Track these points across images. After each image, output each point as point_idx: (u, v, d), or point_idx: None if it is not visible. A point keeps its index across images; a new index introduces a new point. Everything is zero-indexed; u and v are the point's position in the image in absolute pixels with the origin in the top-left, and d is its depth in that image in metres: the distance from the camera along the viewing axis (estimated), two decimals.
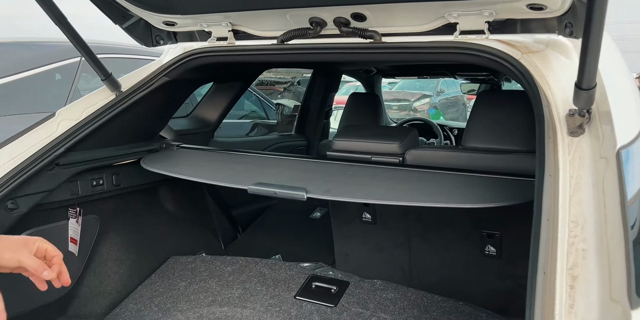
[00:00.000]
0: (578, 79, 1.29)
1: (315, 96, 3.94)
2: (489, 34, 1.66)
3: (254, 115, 5.02)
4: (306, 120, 3.98)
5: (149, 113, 2.22)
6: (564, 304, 0.96)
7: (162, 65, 2.12)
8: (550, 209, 1.12)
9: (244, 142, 3.46)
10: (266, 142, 3.60)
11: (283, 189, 1.67)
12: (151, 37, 2.19)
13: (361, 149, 2.25)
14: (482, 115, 2.10)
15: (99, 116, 1.98)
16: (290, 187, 1.67)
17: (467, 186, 1.64)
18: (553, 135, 1.33)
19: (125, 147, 2.21)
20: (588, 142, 1.33)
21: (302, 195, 1.63)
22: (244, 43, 2.08)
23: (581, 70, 1.26)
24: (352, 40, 1.87)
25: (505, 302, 2.23)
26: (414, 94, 12.99)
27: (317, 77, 3.90)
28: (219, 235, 2.92)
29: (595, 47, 1.19)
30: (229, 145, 3.19)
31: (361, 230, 2.46)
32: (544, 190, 1.15)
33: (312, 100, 3.95)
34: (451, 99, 13.51)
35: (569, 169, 1.25)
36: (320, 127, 4.02)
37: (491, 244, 2.18)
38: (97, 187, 2.19)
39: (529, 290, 0.99)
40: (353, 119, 3.47)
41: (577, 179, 1.23)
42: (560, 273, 1.02)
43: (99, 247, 2.28)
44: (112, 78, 2.05)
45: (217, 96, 2.93)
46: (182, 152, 2.30)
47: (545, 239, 1.07)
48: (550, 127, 1.35)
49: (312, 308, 1.99)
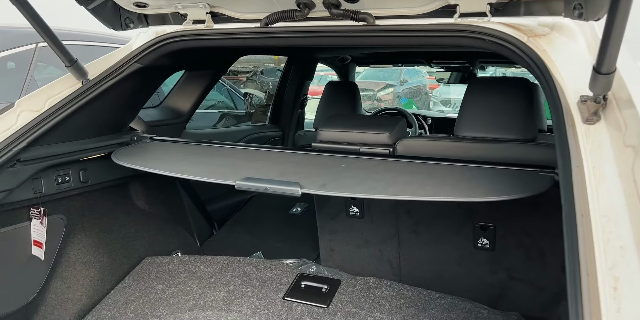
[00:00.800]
0: (597, 62, 1.20)
1: (290, 85, 3.79)
2: (490, 16, 1.57)
3: (221, 105, 4.82)
4: (281, 110, 3.83)
5: (119, 103, 2.04)
6: (610, 308, 0.87)
7: (133, 51, 1.94)
8: (582, 203, 1.03)
9: (218, 134, 3.29)
10: (240, 133, 3.44)
11: (275, 184, 1.54)
12: (120, 20, 2.01)
13: (349, 139, 2.14)
14: (474, 103, 2.01)
15: (64, 107, 1.79)
16: (283, 182, 1.54)
17: (470, 178, 1.55)
18: (572, 124, 1.24)
19: (93, 140, 2.02)
20: (605, 130, 1.25)
21: (297, 191, 1.50)
22: (223, 26, 1.92)
23: (602, 54, 1.17)
24: (342, 24, 1.74)
25: (498, 295, 2.18)
26: (378, 83, 13.00)
27: (292, 65, 3.75)
28: (194, 232, 2.77)
29: (620, 29, 1.10)
30: (202, 137, 3.02)
31: (348, 224, 2.36)
32: (573, 183, 1.06)
33: (287, 89, 3.80)
34: (414, 88, 13.62)
35: (591, 159, 1.17)
36: (296, 117, 3.88)
37: (484, 237, 2.11)
38: (62, 185, 2.00)
39: (571, 295, 0.90)
40: (330, 108, 3.35)
41: (600, 170, 1.15)
42: (601, 274, 0.93)
43: (66, 250, 2.09)
44: (77, 64, 1.87)
45: (190, 85, 2.75)
46: (155, 145, 2.12)
47: (582, 237, 0.98)
48: (568, 115, 1.27)
49: (303, 309, 1.87)
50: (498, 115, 1.96)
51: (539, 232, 2.02)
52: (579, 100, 1.34)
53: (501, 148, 1.94)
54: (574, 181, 1.07)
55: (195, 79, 2.75)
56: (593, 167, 1.16)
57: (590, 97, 1.31)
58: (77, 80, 1.92)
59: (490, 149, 1.95)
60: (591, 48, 1.51)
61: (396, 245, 2.29)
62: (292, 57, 3.72)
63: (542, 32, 1.52)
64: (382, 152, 2.07)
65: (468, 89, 2.08)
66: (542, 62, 1.39)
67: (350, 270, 2.42)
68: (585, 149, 1.20)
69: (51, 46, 1.78)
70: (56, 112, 1.79)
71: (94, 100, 1.87)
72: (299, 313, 1.86)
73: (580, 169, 1.12)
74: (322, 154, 1.89)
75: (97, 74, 1.94)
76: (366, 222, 2.31)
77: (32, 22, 1.69)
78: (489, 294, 2.19)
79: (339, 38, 1.74)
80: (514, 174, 1.60)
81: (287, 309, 1.87)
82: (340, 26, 1.73)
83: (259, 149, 2.05)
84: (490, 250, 2.12)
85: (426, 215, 2.17)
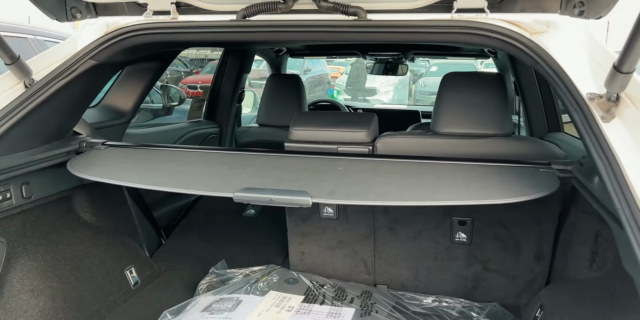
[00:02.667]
0: (619, 61, 1.21)
1: (228, 78, 3.57)
2: (489, 12, 1.54)
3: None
4: (217, 105, 3.60)
5: (68, 105, 1.77)
6: None
7: (86, 46, 1.68)
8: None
9: (157, 133, 3.01)
10: (179, 131, 3.18)
11: (280, 195, 1.40)
12: (65, 9, 1.74)
13: (325, 138, 2.03)
14: (451, 99, 2.00)
15: (9, 114, 1.51)
16: (290, 192, 1.41)
17: (479, 178, 1.52)
18: (596, 122, 1.25)
19: (39, 149, 1.74)
20: (622, 128, 1.27)
21: (307, 201, 1.37)
22: (192, 18, 1.73)
23: (626, 53, 1.18)
24: (331, 17, 1.63)
25: (472, 287, 2.21)
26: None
27: (230, 57, 3.53)
28: (143, 243, 2.52)
29: None
30: (143, 138, 2.75)
31: (320, 226, 2.27)
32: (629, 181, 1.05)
33: (224, 83, 3.58)
34: (317, 77, 13.70)
35: (620, 154, 1.17)
36: (234, 112, 3.67)
37: (462, 231, 2.12)
38: (3, 203, 1.70)
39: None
40: (274, 102, 3.22)
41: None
42: None
43: (7, 277, 1.79)
44: (20, 62, 1.58)
45: (130, 81, 2.47)
46: (114, 152, 1.87)
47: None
48: (590, 112, 1.27)
49: None
50: (477, 110, 1.96)
51: (515, 224, 2.07)
52: (588, 98, 1.35)
53: (483, 143, 1.94)
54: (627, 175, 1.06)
55: (136, 74, 2.47)
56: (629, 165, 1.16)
57: (603, 94, 1.33)
58: (18, 80, 1.63)
59: (472, 144, 1.95)
60: (585, 45, 1.54)
61: (372, 244, 2.24)
62: (229, 49, 3.51)
63: (541, 29, 1.52)
64: (361, 151, 2.00)
65: (442, 85, 2.06)
66: (552, 60, 1.39)
67: (322, 272, 2.34)
68: (612, 145, 1.20)
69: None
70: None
71: (42, 104, 1.60)
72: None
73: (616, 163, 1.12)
74: (312, 157, 1.77)
75: (41, 72, 1.66)
76: (341, 222, 2.23)
77: None
78: (463, 286, 2.22)
79: (328, 33, 1.63)
80: (518, 171, 1.59)
81: None
82: (330, 20, 1.62)
83: (233, 153, 1.88)
84: (467, 244, 2.15)
85: (405, 213, 2.14)
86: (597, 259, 1.76)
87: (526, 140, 2.03)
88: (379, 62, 4.70)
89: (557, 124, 3.21)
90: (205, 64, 11.36)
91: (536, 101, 3.21)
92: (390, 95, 12.69)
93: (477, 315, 2.02)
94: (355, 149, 2.00)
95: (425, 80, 11.99)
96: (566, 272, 1.94)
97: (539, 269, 2.10)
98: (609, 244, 1.70)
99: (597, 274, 1.76)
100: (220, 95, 3.59)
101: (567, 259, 1.93)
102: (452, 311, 2.07)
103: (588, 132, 1.22)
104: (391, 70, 5.23)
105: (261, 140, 3.24)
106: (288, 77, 3.26)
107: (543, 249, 2.07)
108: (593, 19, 1.46)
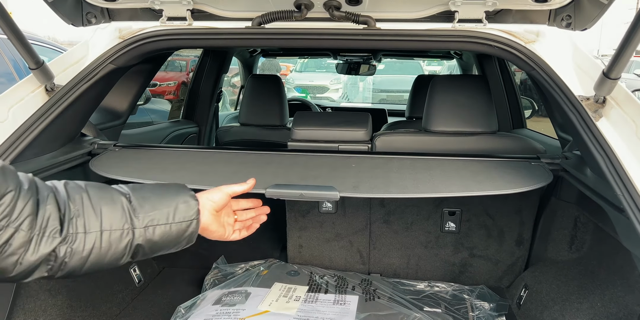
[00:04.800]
0: (608, 68, 1.41)
1: (207, 78, 3.61)
2: (486, 23, 1.71)
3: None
4: (196, 105, 3.64)
5: (86, 108, 1.82)
6: None
7: (108, 50, 1.73)
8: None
9: (145, 133, 3.03)
10: (162, 131, 3.21)
11: (309, 190, 1.52)
12: (81, 15, 1.78)
13: (326, 137, 2.16)
14: (443, 99, 2.17)
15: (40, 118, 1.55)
16: (318, 187, 1.53)
17: (482, 171, 1.68)
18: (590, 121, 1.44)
19: (59, 152, 1.77)
20: (609, 126, 1.47)
21: (335, 195, 1.50)
22: (207, 24, 1.81)
23: (615, 61, 1.38)
24: (342, 26, 1.75)
25: (459, 272, 2.41)
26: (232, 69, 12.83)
27: (209, 57, 3.58)
28: None
29: (636, 42, 1.31)
30: (134, 139, 2.78)
31: (319, 220, 2.39)
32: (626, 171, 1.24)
33: (203, 83, 3.62)
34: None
35: (616, 149, 1.36)
36: (213, 111, 3.72)
37: (451, 221, 2.31)
38: None
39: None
40: (256, 102, 3.30)
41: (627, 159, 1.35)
42: None
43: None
44: (44, 67, 1.62)
45: (126, 82, 2.49)
46: (130, 153, 1.92)
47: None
48: (585, 113, 1.46)
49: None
50: (465, 110, 2.15)
51: (499, 213, 2.28)
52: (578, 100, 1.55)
53: (472, 140, 2.13)
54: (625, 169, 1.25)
55: (130, 76, 2.48)
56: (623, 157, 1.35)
57: (590, 97, 1.53)
58: (39, 84, 1.66)
59: (463, 141, 2.13)
60: (569, 53, 1.74)
61: (367, 236, 2.39)
62: (208, 50, 3.56)
63: (532, 39, 1.71)
64: (361, 148, 2.14)
65: (432, 87, 2.23)
66: (547, 66, 1.57)
67: (319, 264, 2.47)
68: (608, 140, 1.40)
69: (16, 46, 1.52)
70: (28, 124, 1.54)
71: (67, 108, 1.64)
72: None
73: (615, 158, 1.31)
74: (326, 155, 1.89)
75: (58, 76, 1.70)
76: (338, 216, 2.37)
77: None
78: (451, 272, 2.42)
79: (340, 41, 1.75)
80: (513, 166, 1.77)
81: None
82: (341, 29, 1.74)
83: (248, 153, 1.96)
84: (456, 233, 2.34)
85: (399, 205, 2.30)
86: (575, 241, 1.98)
87: (510, 137, 2.24)
88: (347, 62, 4.84)
89: (521, 121, 3.48)
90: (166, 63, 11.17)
91: (502, 99, 3.46)
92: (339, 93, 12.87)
93: (468, 297, 2.21)
94: (355, 147, 2.14)
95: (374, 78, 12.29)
96: (546, 255, 2.16)
97: (520, 253, 2.32)
98: (586, 228, 1.93)
99: (576, 255, 1.99)
100: (200, 95, 3.64)
101: (547, 243, 2.15)
102: (445, 295, 2.26)
103: (585, 129, 1.41)
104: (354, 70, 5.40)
105: (244, 140, 3.31)
106: (268, 77, 3.34)
107: (523, 235, 2.29)
108: (579, 31, 1.66)
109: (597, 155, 1.34)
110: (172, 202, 1.11)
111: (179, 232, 1.11)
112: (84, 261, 1.00)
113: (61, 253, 0.97)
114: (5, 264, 0.92)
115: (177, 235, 1.11)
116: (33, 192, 0.95)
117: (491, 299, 2.19)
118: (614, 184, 1.25)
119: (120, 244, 1.03)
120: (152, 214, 1.08)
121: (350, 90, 12.96)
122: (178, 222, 1.11)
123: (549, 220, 2.15)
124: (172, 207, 1.11)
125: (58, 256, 0.97)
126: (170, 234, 1.10)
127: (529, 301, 2.05)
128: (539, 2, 1.62)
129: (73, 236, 0.98)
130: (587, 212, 1.86)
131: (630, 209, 1.18)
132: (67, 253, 0.97)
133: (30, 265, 0.94)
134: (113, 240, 1.02)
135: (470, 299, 2.20)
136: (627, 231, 1.24)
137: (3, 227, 0.89)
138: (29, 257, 0.93)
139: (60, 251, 0.96)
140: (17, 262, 0.92)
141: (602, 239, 1.80)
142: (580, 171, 1.60)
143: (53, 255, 0.96)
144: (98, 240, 1.01)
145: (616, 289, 1.67)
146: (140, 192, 1.10)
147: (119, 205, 1.05)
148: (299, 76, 13.15)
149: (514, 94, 3.46)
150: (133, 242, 1.05)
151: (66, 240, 0.97)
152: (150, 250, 1.10)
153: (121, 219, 1.04)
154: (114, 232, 1.03)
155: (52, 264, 0.96)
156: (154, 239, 1.08)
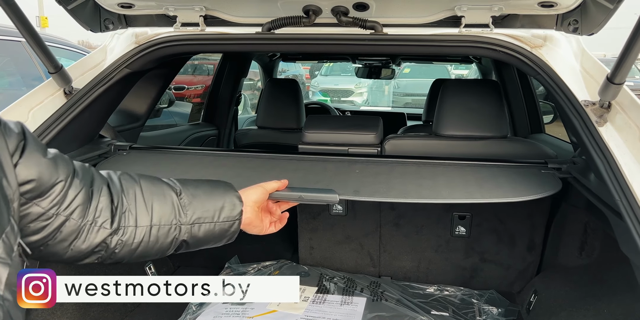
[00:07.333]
0: (612, 73, 1.40)
1: (226, 82, 3.69)
2: (493, 28, 1.72)
3: None
4: (215, 108, 3.72)
5: (103, 111, 1.89)
6: None
7: (123, 55, 1.80)
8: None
9: (165, 135, 3.11)
10: (183, 133, 3.30)
11: (309, 192, 1.54)
12: (99, 21, 1.85)
13: (336, 140, 2.19)
14: (453, 103, 2.18)
15: (57, 120, 1.62)
16: (317, 190, 1.56)
17: (489, 178, 1.68)
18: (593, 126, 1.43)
19: (75, 153, 1.84)
20: (614, 131, 1.46)
21: (335, 198, 1.52)
22: (219, 30, 1.87)
23: (618, 67, 1.37)
24: (350, 31, 1.78)
25: (470, 276, 2.40)
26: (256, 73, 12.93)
27: (228, 61, 3.66)
28: None
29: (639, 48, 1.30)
30: (156, 140, 2.86)
31: (329, 222, 2.42)
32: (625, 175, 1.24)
33: (223, 86, 3.70)
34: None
35: (617, 154, 1.35)
36: (232, 114, 3.80)
37: (461, 225, 2.31)
38: None
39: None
40: (273, 105, 3.35)
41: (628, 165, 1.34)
42: None
43: None
44: (63, 71, 1.69)
45: (145, 86, 2.57)
46: (146, 155, 1.99)
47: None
48: (588, 118, 1.45)
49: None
50: (475, 114, 2.15)
51: (510, 218, 2.27)
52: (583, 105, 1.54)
53: (482, 144, 2.13)
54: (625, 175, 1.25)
55: (149, 79, 2.57)
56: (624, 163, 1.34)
57: (596, 102, 1.52)
58: (58, 88, 1.74)
59: (472, 145, 2.13)
60: (577, 57, 1.73)
61: (377, 239, 2.41)
62: (227, 55, 3.63)
63: (539, 43, 1.71)
64: (371, 152, 2.16)
65: (443, 91, 2.24)
66: (551, 70, 1.57)
67: (330, 266, 2.50)
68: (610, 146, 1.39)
69: (36, 50, 1.60)
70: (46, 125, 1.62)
71: (84, 110, 1.72)
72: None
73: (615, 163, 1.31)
74: (329, 158, 1.92)
75: (77, 80, 1.78)
76: (349, 219, 2.39)
77: (17, 24, 1.51)
78: (462, 276, 2.41)
79: (348, 46, 1.79)
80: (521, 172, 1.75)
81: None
82: (349, 34, 1.77)
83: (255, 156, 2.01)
84: (466, 237, 2.33)
85: (409, 209, 2.31)
86: (586, 247, 1.96)
87: (520, 142, 2.23)
88: (366, 66, 4.86)
89: (539, 126, 3.44)
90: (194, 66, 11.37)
91: (519, 104, 3.44)
92: (364, 97, 12.87)
93: (477, 302, 2.20)
94: (365, 150, 2.17)
95: (399, 81, 12.26)
96: (557, 261, 2.14)
97: (531, 258, 2.30)
98: (596, 234, 1.91)
99: (586, 261, 1.97)
100: (219, 98, 3.71)
101: (558, 249, 2.13)
102: (454, 299, 2.26)
103: (587, 134, 1.41)
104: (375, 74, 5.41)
105: (261, 142, 3.37)
106: (286, 81, 3.40)
107: (535, 241, 2.27)
108: (586, 35, 1.65)
109: (598, 160, 1.34)
110: (219, 201, 1.16)
111: (222, 231, 1.17)
112: (132, 252, 1.07)
113: (112, 244, 1.03)
114: (57, 249, 0.98)
115: (220, 234, 1.17)
116: (87, 182, 1.00)
117: (500, 304, 2.18)
118: (612, 189, 1.25)
119: (167, 239, 1.09)
120: (200, 212, 1.13)
121: (374, 93, 12.95)
122: (222, 221, 1.16)
123: (559, 226, 2.13)
124: (219, 206, 1.16)
125: (109, 247, 1.03)
126: (213, 232, 1.15)
127: (538, 307, 2.03)
128: (546, 7, 1.62)
129: (124, 229, 1.04)
130: (596, 218, 1.84)
131: (627, 215, 1.18)
132: (118, 244, 1.04)
133: (81, 252, 1.01)
134: (161, 235, 1.08)
135: (479, 304, 2.19)
136: (626, 237, 1.23)
137: (53, 215, 0.94)
138: (80, 244, 1.00)
139: (112, 242, 1.02)
140: (69, 248, 0.99)
141: (611, 245, 1.77)
142: (585, 176, 1.59)
143: (104, 245, 1.02)
144: (147, 234, 1.07)
145: (624, 296, 1.65)
146: (189, 188, 1.15)
147: (169, 200, 1.10)
148: (325, 80, 13.18)
149: (532, 98, 3.43)
150: (179, 237, 1.11)
151: (117, 232, 1.03)
152: (193, 246, 1.16)
153: (170, 215, 1.10)
154: (163, 227, 1.09)
155: (102, 253, 1.03)
156: (198, 235, 1.13)
